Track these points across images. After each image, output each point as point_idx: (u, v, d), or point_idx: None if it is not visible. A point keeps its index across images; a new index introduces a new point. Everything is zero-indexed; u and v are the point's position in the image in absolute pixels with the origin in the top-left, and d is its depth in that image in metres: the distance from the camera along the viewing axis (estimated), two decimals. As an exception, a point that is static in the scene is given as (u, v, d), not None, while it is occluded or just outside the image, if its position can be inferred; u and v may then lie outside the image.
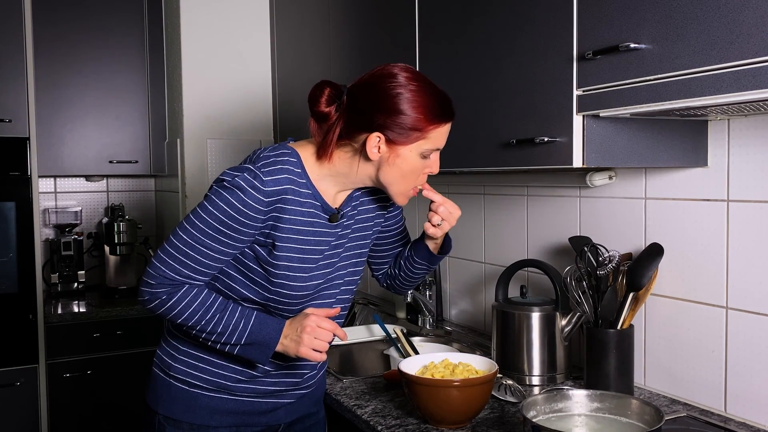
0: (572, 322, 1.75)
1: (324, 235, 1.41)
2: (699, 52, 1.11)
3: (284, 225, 1.34)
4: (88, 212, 3.58)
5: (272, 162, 1.33)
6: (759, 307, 1.45)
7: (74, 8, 3.20)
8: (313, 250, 1.39)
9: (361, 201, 1.50)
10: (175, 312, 1.35)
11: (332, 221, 1.42)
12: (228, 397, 1.45)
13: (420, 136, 1.32)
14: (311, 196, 1.37)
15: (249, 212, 1.29)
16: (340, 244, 1.46)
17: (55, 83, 3.18)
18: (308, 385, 1.56)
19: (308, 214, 1.37)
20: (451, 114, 1.37)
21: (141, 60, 3.34)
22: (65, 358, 2.97)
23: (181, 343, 1.46)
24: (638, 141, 1.44)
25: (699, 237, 1.57)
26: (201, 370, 1.44)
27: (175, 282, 1.33)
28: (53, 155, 3.20)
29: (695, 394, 1.60)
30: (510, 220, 2.18)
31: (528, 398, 1.29)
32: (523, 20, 1.51)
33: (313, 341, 1.32)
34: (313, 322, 1.33)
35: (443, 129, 1.36)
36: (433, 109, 1.32)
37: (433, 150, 1.36)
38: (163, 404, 1.45)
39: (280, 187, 1.32)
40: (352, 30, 2.32)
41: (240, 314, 1.35)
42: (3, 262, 2.86)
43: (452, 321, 2.48)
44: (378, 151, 1.33)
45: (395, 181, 1.36)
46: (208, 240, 1.31)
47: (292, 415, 1.55)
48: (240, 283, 1.39)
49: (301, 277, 1.39)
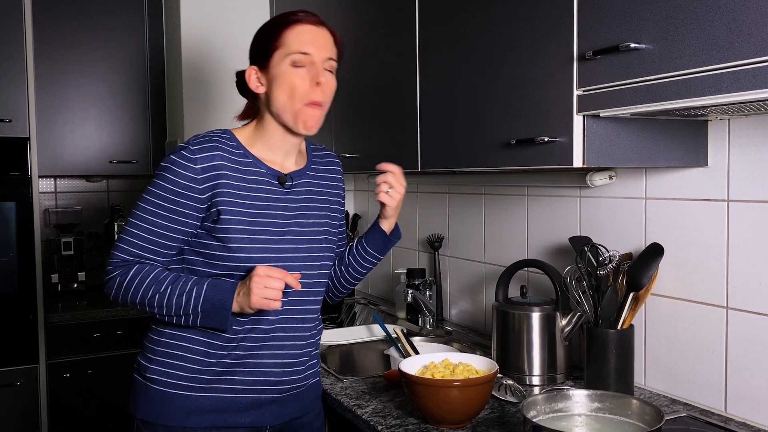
0: (572, 322, 1.75)
1: (275, 200, 1.45)
2: (699, 52, 1.11)
3: (225, 190, 1.39)
4: (88, 212, 3.58)
5: (202, 138, 1.42)
6: (759, 307, 1.45)
7: (74, 8, 3.20)
8: (264, 213, 1.43)
9: (315, 170, 1.57)
10: (130, 292, 1.38)
11: (282, 183, 1.47)
12: (204, 395, 1.42)
13: (275, 46, 1.41)
14: (252, 164, 1.44)
15: (184, 182, 1.37)
16: (298, 211, 1.48)
17: (55, 83, 3.18)
18: (291, 380, 1.50)
19: (253, 180, 1.43)
20: (304, 17, 1.43)
21: (141, 60, 3.34)
22: (65, 358, 2.97)
23: (157, 344, 1.46)
24: (638, 141, 1.44)
25: (699, 237, 1.57)
26: (176, 367, 1.43)
27: (127, 262, 1.40)
28: (53, 155, 3.20)
29: (695, 394, 1.60)
30: (510, 220, 2.18)
31: (528, 398, 1.29)
32: (523, 20, 1.51)
33: (264, 290, 1.32)
34: (261, 271, 1.33)
35: (298, 30, 1.42)
36: (279, 18, 1.44)
37: (300, 54, 1.40)
38: (140, 408, 1.45)
39: (210, 155, 1.39)
40: (352, 30, 2.32)
41: (192, 283, 1.38)
42: (3, 262, 2.86)
43: (452, 321, 2.48)
44: (259, 83, 1.44)
45: (286, 101, 1.41)
46: (153, 217, 1.38)
47: (279, 418, 1.50)
48: (202, 264, 1.42)
49: (257, 239, 1.40)
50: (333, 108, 2.44)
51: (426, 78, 1.89)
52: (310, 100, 1.41)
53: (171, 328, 1.45)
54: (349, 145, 2.34)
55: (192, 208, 1.38)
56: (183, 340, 1.43)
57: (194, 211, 1.39)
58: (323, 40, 1.44)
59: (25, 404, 2.89)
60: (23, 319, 2.89)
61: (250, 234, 1.40)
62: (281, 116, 1.43)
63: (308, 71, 1.41)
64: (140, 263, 1.40)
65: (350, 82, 2.31)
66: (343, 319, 2.75)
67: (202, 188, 1.38)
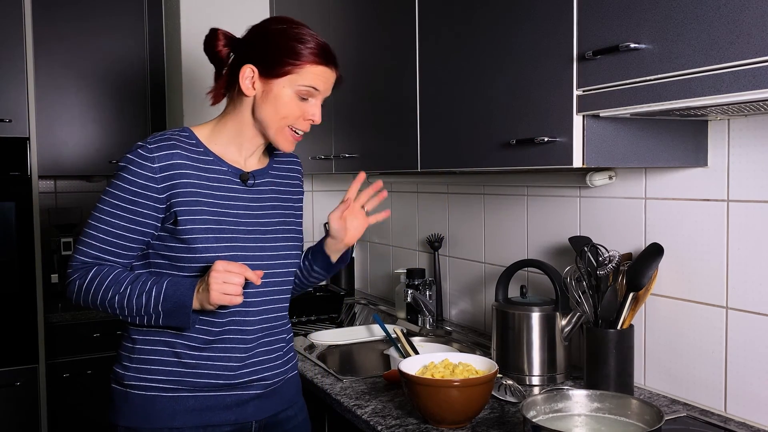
0: (572, 322, 1.75)
1: (238, 199, 1.45)
2: (699, 52, 1.11)
3: (186, 189, 1.37)
4: (88, 212, 3.57)
5: (159, 137, 1.40)
6: (759, 307, 1.45)
7: (74, 9, 3.20)
8: (227, 213, 1.42)
9: (276, 170, 1.56)
10: (90, 294, 1.37)
11: (244, 180, 1.46)
12: (188, 394, 1.41)
13: (291, 69, 1.38)
14: (213, 162, 1.43)
15: (142, 182, 1.35)
16: (263, 210, 1.48)
17: (55, 83, 3.18)
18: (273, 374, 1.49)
19: (214, 179, 1.42)
20: (327, 58, 1.41)
21: (141, 60, 3.34)
22: (65, 358, 2.97)
23: (131, 351, 1.44)
24: (638, 141, 1.44)
25: (699, 237, 1.57)
26: (155, 372, 1.41)
27: (87, 264, 1.39)
28: (53, 155, 3.20)
29: (695, 394, 1.60)
30: (510, 220, 2.18)
31: (528, 398, 1.29)
32: (523, 20, 1.51)
33: (222, 285, 1.30)
34: (219, 267, 1.31)
35: (318, 70, 1.40)
36: (308, 46, 1.39)
37: (309, 88, 1.39)
38: (122, 416, 1.43)
39: (168, 153, 1.37)
40: (352, 30, 2.32)
41: (152, 283, 1.36)
42: (3, 262, 2.86)
43: (452, 321, 2.48)
44: (252, 86, 1.40)
45: (272, 118, 1.41)
46: (111, 218, 1.37)
47: (263, 413, 1.49)
48: (168, 267, 1.41)
49: (222, 238, 1.39)
50: (333, 108, 2.45)
51: (426, 78, 1.89)
52: (297, 130, 1.43)
53: (144, 334, 1.43)
54: (348, 145, 2.34)
55: (151, 207, 1.36)
56: (157, 344, 1.42)
57: (153, 211, 1.37)
58: (331, 80, 1.45)
59: (25, 404, 2.89)
60: (23, 319, 2.89)
61: (215, 233, 1.39)
62: (263, 127, 1.44)
63: (307, 103, 1.42)
64: (99, 265, 1.39)
65: (350, 82, 2.31)
66: (343, 319, 2.75)
67: (160, 187, 1.36)
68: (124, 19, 3.29)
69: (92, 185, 3.60)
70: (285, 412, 1.55)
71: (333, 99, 2.47)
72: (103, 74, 3.27)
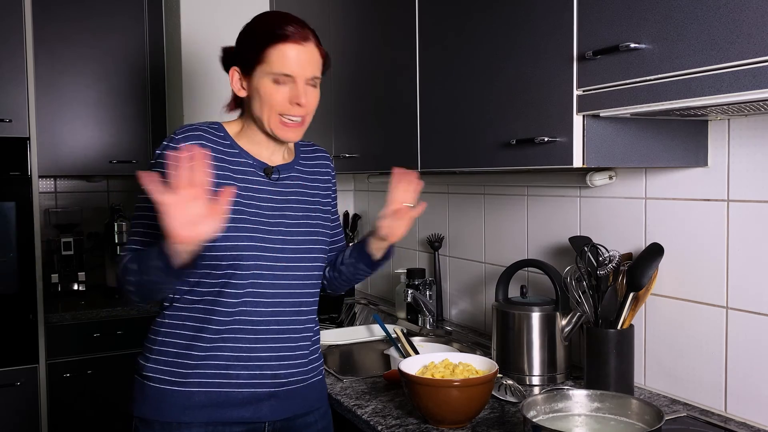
0: (572, 322, 1.76)
1: (262, 192, 1.46)
2: (699, 52, 1.11)
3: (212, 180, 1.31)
4: (88, 212, 3.58)
5: (187, 127, 1.44)
6: (759, 307, 1.45)
7: (74, 8, 3.20)
8: (249, 204, 1.43)
9: (303, 165, 1.56)
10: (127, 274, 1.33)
11: (268, 174, 1.48)
12: (200, 389, 1.41)
13: (258, 58, 1.40)
14: (239, 155, 1.46)
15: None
16: (288, 204, 1.48)
17: (55, 83, 3.18)
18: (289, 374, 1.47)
19: (237, 171, 1.44)
20: (286, 34, 1.39)
21: (141, 60, 3.34)
22: (65, 358, 2.97)
23: (153, 343, 1.46)
24: (638, 141, 1.44)
25: (699, 237, 1.57)
26: (170, 364, 1.42)
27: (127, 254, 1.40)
28: (53, 155, 3.20)
29: (695, 394, 1.60)
30: (510, 220, 2.18)
31: (528, 398, 1.29)
32: (523, 20, 1.51)
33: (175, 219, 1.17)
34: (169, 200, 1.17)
35: (283, 50, 1.39)
36: (264, 30, 1.40)
37: (282, 74, 1.39)
38: (137, 406, 1.45)
39: (192, 144, 1.37)
40: (352, 30, 2.32)
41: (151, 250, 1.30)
42: (3, 262, 2.86)
43: (452, 321, 2.48)
44: (241, 87, 1.45)
45: (262, 111, 1.42)
46: (146, 212, 1.39)
47: (278, 414, 1.46)
48: None
49: (243, 228, 1.39)
50: (333, 108, 2.45)
51: (426, 78, 1.89)
52: (288, 117, 1.43)
53: (167, 327, 1.44)
54: (349, 145, 2.34)
55: None
56: (176, 336, 1.43)
57: None
58: (307, 59, 1.41)
59: (25, 404, 2.88)
60: (23, 319, 2.89)
61: (235, 223, 1.39)
62: (260, 124, 1.45)
63: (290, 89, 1.41)
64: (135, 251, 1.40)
65: (350, 82, 2.31)
66: (343, 319, 2.75)
67: None
68: (124, 18, 3.29)
69: (92, 185, 3.60)
70: (304, 418, 1.51)
71: (333, 99, 2.48)
72: (103, 74, 3.27)
